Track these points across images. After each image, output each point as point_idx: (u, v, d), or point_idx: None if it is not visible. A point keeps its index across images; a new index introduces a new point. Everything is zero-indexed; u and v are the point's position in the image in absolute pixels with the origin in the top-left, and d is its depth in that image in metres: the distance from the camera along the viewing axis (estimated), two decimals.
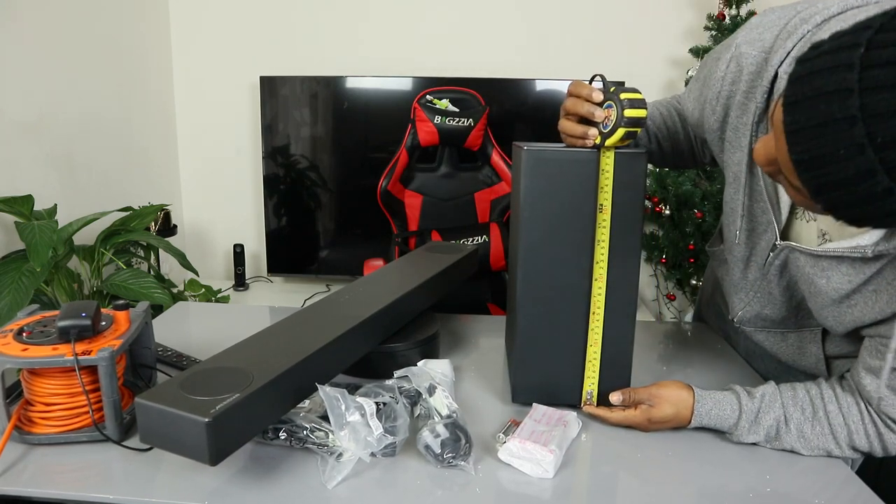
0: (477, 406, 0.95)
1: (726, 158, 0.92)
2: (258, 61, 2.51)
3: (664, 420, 0.87)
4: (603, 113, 0.83)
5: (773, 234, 0.88)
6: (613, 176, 0.85)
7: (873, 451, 0.83)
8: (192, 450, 0.66)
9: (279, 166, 2.46)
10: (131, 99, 2.31)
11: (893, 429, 0.81)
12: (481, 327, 1.27)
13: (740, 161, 0.89)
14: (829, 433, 0.83)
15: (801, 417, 0.84)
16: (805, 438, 0.84)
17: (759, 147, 0.69)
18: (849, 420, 0.82)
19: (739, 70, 0.85)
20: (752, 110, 0.84)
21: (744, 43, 0.85)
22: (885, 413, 0.80)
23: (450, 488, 0.75)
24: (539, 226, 0.88)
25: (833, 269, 0.80)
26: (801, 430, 0.84)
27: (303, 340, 0.82)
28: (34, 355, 0.76)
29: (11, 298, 1.44)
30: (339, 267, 2.54)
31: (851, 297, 0.80)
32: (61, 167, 1.95)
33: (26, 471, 0.76)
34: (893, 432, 0.81)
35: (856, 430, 0.82)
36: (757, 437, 0.85)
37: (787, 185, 0.66)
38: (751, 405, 0.85)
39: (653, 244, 2.39)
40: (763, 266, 0.92)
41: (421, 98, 1.91)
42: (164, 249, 1.82)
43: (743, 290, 1.00)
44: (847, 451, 0.83)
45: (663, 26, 2.40)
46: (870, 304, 0.78)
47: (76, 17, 1.99)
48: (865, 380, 0.80)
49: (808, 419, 0.84)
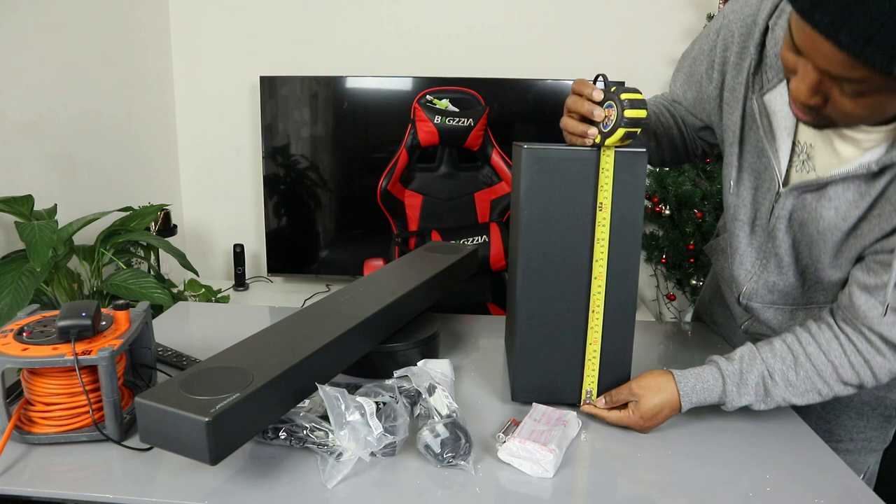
0: (477, 406, 0.95)
1: (725, 122, 0.94)
2: (258, 61, 2.51)
3: (655, 411, 0.86)
4: (603, 112, 0.83)
5: (775, 185, 0.89)
6: (613, 175, 0.85)
7: (864, 382, 0.83)
8: (193, 449, 0.66)
9: (279, 166, 2.46)
10: (131, 99, 2.31)
11: (884, 353, 0.80)
12: (481, 327, 1.27)
13: (737, 120, 0.91)
14: (814, 374, 0.83)
15: (784, 367, 0.84)
16: (793, 386, 0.84)
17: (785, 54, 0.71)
18: (831, 356, 0.82)
19: (731, 35, 0.89)
20: (746, 67, 0.88)
21: (731, 12, 0.90)
22: (881, 333, 0.79)
23: (450, 488, 0.75)
24: (539, 225, 0.88)
25: (839, 196, 0.81)
26: (786, 379, 0.84)
27: (303, 340, 0.82)
28: (34, 355, 0.76)
29: (11, 298, 1.44)
30: (339, 267, 2.54)
31: (859, 226, 0.80)
32: (61, 167, 1.95)
33: (26, 471, 0.76)
34: (883, 356, 0.80)
35: (840, 364, 0.82)
36: (749, 398, 0.85)
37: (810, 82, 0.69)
38: (732, 368, 0.86)
39: (653, 244, 2.39)
40: (768, 223, 0.92)
41: (421, 98, 1.91)
42: (164, 249, 1.82)
43: (748, 258, 0.99)
44: (837, 388, 0.83)
45: (663, 26, 2.40)
46: (875, 231, 0.79)
47: (76, 17, 1.99)
48: (860, 299, 0.80)
49: (791, 367, 0.84)
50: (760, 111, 0.88)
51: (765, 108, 0.88)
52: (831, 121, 0.74)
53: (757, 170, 0.92)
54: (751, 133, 0.91)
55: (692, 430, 0.90)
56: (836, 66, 0.64)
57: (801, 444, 0.88)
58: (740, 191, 0.95)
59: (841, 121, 0.73)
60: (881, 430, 1.05)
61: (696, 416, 0.94)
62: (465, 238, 1.84)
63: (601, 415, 0.90)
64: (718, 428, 0.91)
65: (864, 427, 1.05)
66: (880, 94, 0.66)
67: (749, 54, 0.87)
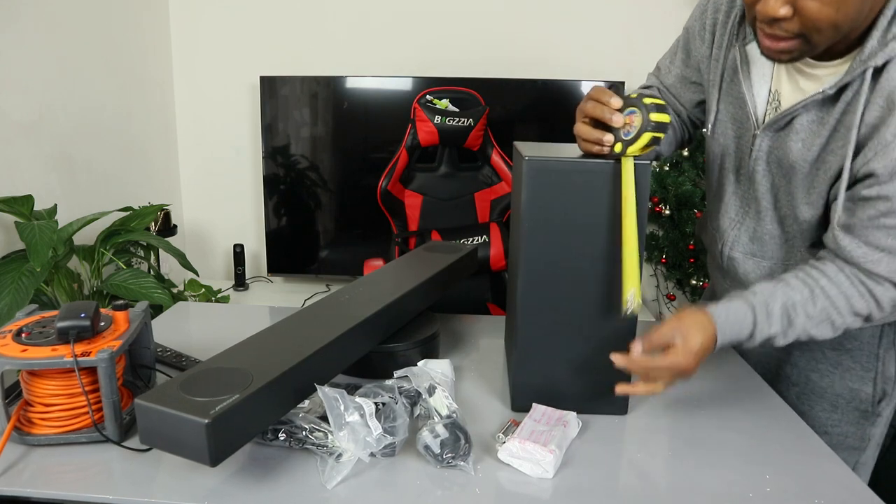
0: (477, 406, 0.95)
1: (711, 78, 1.04)
2: (258, 61, 2.51)
3: (702, 348, 0.83)
4: (622, 119, 0.83)
5: (752, 126, 0.98)
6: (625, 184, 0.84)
7: (872, 313, 0.87)
8: (193, 451, 0.66)
9: (279, 166, 2.46)
10: (131, 99, 2.31)
11: (880, 281, 0.85)
12: (481, 327, 1.27)
13: (719, 69, 1.01)
14: (830, 306, 0.86)
15: (801, 299, 0.86)
16: (811, 318, 0.86)
17: None
18: (841, 288, 0.86)
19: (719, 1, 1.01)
20: (732, 17, 0.98)
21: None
22: (869, 269, 0.85)
23: (449, 488, 0.75)
24: (542, 234, 0.87)
25: (804, 127, 0.90)
26: (806, 311, 0.86)
27: (303, 340, 0.82)
28: (33, 356, 0.76)
29: (11, 298, 1.44)
30: (339, 267, 2.54)
31: (824, 158, 0.89)
32: (61, 167, 1.95)
33: (26, 471, 0.76)
34: (880, 285, 0.85)
35: (850, 295, 0.86)
36: (776, 328, 0.86)
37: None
38: (756, 299, 0.87)
39: (653, 244, 2.39)
40: (749, 167, 1.00)
41: (421, 98, 1.91)
42: (164, 249, 1.82)
43: (733, 206, 1.07)
44: (849, 319, 0.87)
45: (663, 26, 2.40)
46: (839, 159, 0.86)
47: (76, 17, 1.99)
48: (844, 241, 0.86)
49: (808, 299, 0.86)
50: (742, 59, 0.97)
51: (746, 56, 0.97)
52: (802, 42, 0.81)
53: (739, 119, 1.00)
54: (732, 85, 1.00)
55: (692, 430, 0.90)
56: None
57: (801, 444, 0.88)
58: (724, 140, 1.04)
59: (812, 32, 0.79)
60: (857, 427, 1.05)
61: (696, 415, 0.94)
62: (465, 238, 1.84)
63: (646, 365, 0.83)
64: (718, 427, 0.91)
65: (838, 421, 1.05)
66: None
67: (736, 5, 0.97)
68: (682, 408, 0.96)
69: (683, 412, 0.95)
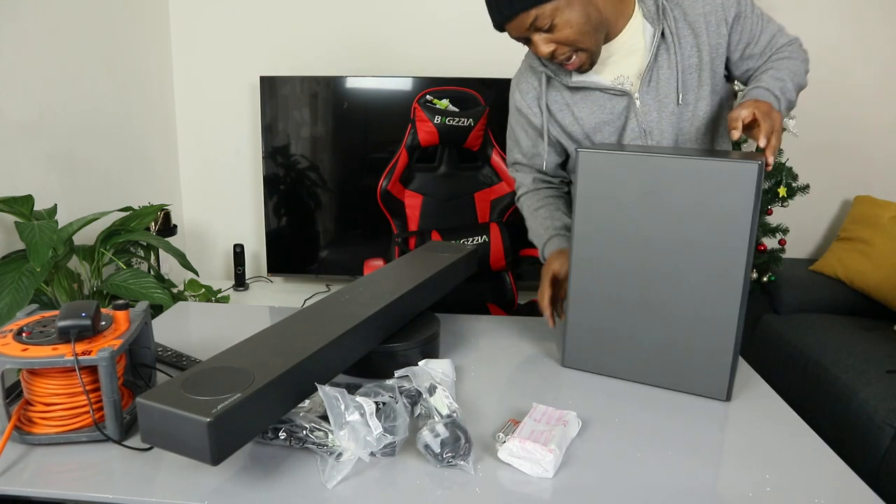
0: (477, 406, 0.95)
1: (567, 129, 1.23)
2: (258, 61, 2.51)
3: (770, 106, 1.00)
4: None
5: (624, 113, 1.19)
6: None
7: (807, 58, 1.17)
8: (194, 450, 0.66)
9: (279, 166, 2.46)
10: (131, 99, 2.31)
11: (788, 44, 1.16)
12: (481, 327, 1.27)
13: (567, 110, 1.22)
14: (797, 61, 1.14)
15: (783, 70, 1.12)
16: (794, 72, 1.12)
17: None
18: (791, 49, 1.15)
19: (520, 81, 1.27)
20: (543, 84, 1.22)
21: (514, 101, 1.30)
22: (784, 44, 1.16)
23: (449, 488, 0.75)
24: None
25: (664, 73, 1.14)
26: (790, 73, 1.11)
27: (303, 340, 0.82)
28: (34, 355, 0.76)
29: (11, 298, 1.44)
30: (339, 267, 2.54)
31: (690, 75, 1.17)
32: (61, 167, 1.95)
33: (26, 471, 0.76)
34: (792, 43, 1.17)
35: (798, 49, 1.16)
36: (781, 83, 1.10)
37: None
38: (764, 84, 1.10)
39: None
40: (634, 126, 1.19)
41: (421, 98, 1.91)
42: (164, 249, 1.82)
43: None
44: (806, 66, 1.16)
45: None
46: (708, 58, 1.14)
47: (76, 17, 1.99)
48: (781, 39, 1.16)
49: (784, 66, 1.12)
50: (587, 86, 1.17)
51: (585, 82, 1.17)
52: (582, 52, 1.08)
53: (609, 122, 1.19)
54: (587, 100, 1.19)
55: (692, 430, 0.90)
56: (537, 21, 1.03)
57: (801, 444, 0.88)
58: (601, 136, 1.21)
59: (580, 44, 1.06)
60: None
61: (696, 414, 0.94)
62: (465, 238, 1.84)
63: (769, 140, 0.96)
64: (718, 427, 0.91)
65: None
66: (563, 10, 1.02)
67: (535, 72, 1.21)
68: (682, 408, 0.96)
69: (683, 412, 0.95)
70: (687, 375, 0.99)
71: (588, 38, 1.06)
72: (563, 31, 1.04)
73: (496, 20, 1.08)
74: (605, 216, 0.98)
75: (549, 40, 1.06)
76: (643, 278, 0.97)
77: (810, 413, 1.85)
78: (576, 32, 1.04)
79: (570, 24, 1.03)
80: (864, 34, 2.44)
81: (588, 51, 1.08)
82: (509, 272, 1.95)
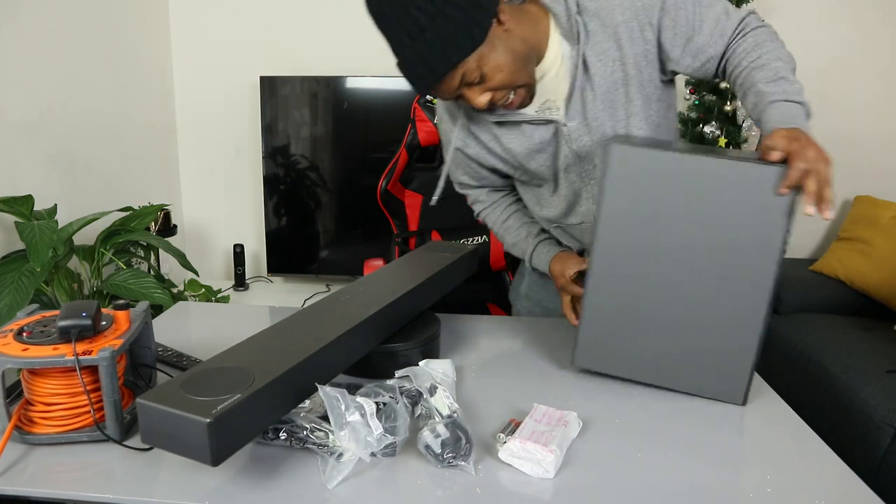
0: (477, 406, 0.95)
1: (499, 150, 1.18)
2: (258, 61, 2.51)
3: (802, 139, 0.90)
4: None
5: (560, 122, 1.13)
6: None
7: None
8: (194, 450, 0.66)
9: (279, 166, 2.46)
10: (131, 99, 2.31)
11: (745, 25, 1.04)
12: (481, 327, 1.27)
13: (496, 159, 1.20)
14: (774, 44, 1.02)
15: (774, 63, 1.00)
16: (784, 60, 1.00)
17: None
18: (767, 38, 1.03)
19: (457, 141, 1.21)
20: (461, 122, 1.17)
21: (444, 134, 1.25)
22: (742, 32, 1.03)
23: (450, 488, 0.75)
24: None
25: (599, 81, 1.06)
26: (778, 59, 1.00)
27: (303, 340, 0.82)
28: (35, 355, 0.76)
29: (11, 298, 1.44)
30: (339, 267, 2.54)
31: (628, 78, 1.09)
32: (61, 167, 1.95)
33: (26, 471, 0.76)
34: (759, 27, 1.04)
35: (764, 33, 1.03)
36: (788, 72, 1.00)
37: None
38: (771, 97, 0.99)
39: None
40: (566, 155, 1.14)
41: (421, 98, 1.91)
42: (164, 249, 1.82)
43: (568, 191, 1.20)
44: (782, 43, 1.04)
45: None
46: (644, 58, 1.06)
47: (76, 17, 1.99)
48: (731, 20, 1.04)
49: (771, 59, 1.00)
50: (511, 119, 1.10)
51: (508, 114, 1.09)
52: (518, 90, 1.01)
53: (540, 149, 1.13)
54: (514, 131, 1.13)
55: (693, 431, 0.90)
56: (466, 77, 0.96)
57: (801, 444, 0.88)
58: (536, 164, 1.16)
59: (514, 84, 0.99)
60: None
61: (696, 414, 0.94)
62: (465, 238, 1.84)
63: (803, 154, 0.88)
64: (718, 427, 0.91)
65: None
66: (488, 57, 0.95)
67: (454, 115, 1.16)
68: (682, 409, 0.96)
69: (684, 413, 0.95)
70: (703, 379, 0.97)
71: (521, 74, 1.00)
72: (494, 77, 0.97)
73: (420, 88, 0.99)
74: (632, 213, 0.93)
75: (484, 90, 0.98)
76: (667, 279, 0.94)
77: (810, 413, 1.85)
78: (508, 74, 0.97)
79: (499, 68, 0.96)
80: (864, 35, 2.44)
81: (525, 85, 1.02)
82: (509, 272, 1.95)
